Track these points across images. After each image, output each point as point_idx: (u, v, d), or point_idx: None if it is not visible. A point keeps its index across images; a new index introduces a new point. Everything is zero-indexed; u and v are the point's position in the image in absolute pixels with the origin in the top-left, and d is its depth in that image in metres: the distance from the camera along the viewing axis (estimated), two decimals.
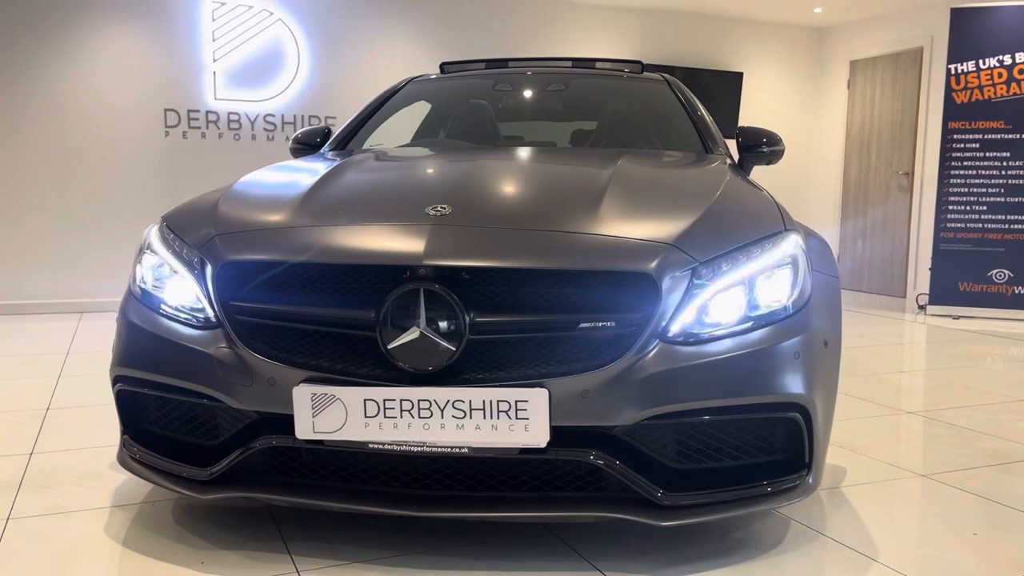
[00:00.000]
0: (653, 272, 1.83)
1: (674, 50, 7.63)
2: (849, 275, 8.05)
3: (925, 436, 3.14)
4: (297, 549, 2.01)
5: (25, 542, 2.08)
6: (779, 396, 1.92)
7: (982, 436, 3.09)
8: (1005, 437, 3.08)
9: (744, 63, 7.92)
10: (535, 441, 1.77)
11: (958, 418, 3.34)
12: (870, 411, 3.45)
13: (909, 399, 3.68)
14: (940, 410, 3.48)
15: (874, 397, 3.67)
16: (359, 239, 1.93)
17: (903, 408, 3.48)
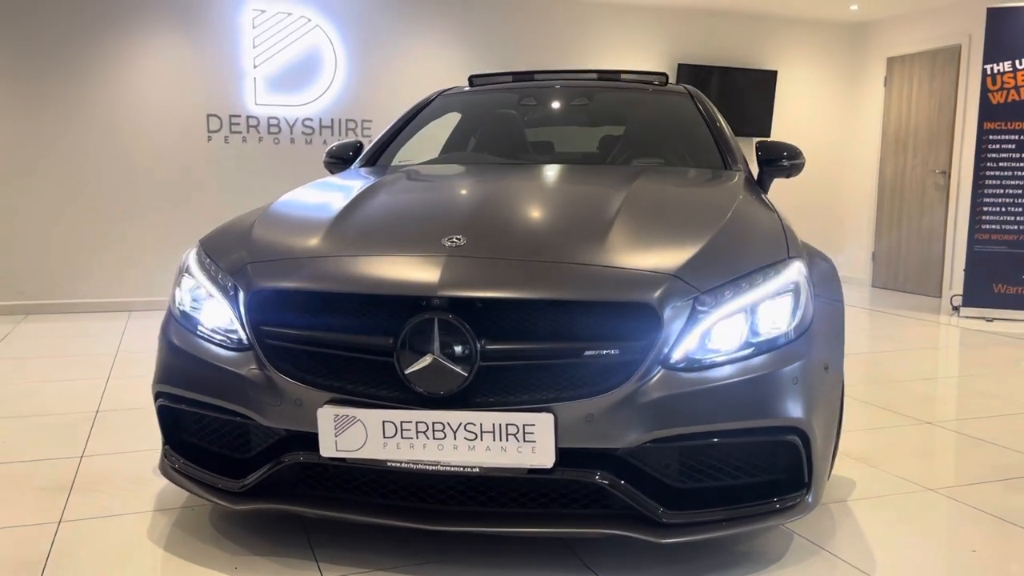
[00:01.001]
0: (655, 303, 1.93)
1: (707, 49, 7.64)
2: (884, 274, 8.02)
3: (941, 448, 3.19)
4: (324, 556, 2.16)
5: (76, 544, 2.25)
6: (778, 420, 2.01)
7: (999, 449, 3.13)
8: (1009, 447, 3.11)
9: (778, 61, 7.90)
10: (542, 462, 1.89)
11: (978, 429, 3.38)
12: (890, 421, 3.50)
13: (931, 408, 3.72)
14: (961, 420, 3.52)
15: (896, 406, 3.71)
16: (379, 269, 2.06)
17: (924, 418, 3.52)
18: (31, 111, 5.94)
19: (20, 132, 5.94)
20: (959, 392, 4.03)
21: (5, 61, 5.84)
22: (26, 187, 5.98)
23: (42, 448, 3.05)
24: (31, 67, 5.90)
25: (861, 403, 3.76)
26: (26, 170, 5.98)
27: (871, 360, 4.76)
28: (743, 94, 7.73)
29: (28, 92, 5.92)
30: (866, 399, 3.82)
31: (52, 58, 5.94)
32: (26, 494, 2.60)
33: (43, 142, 5.99)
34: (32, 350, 4.85)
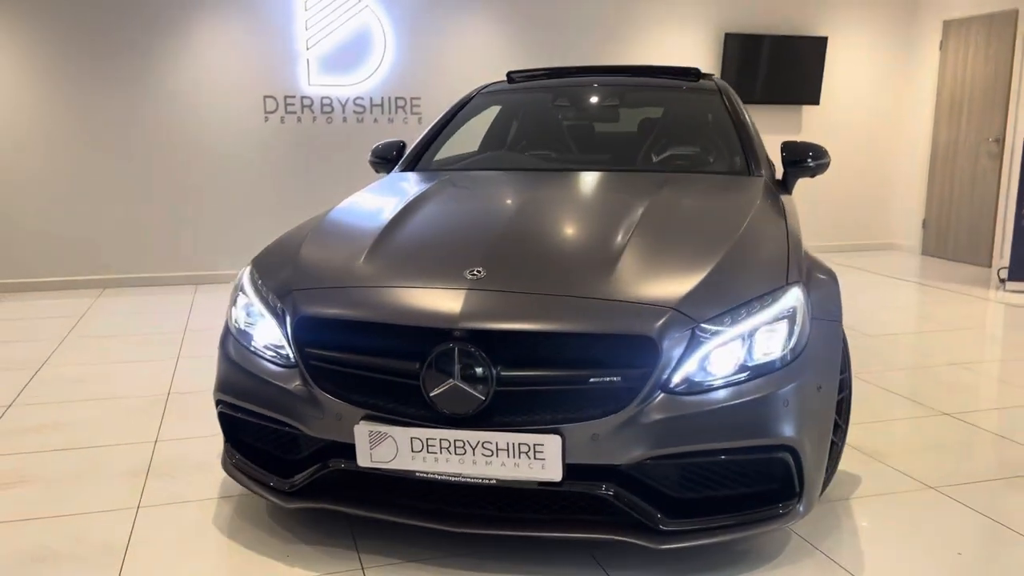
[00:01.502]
0: (654, 335, 2.13)
1: (754, 17, 7.59)
2: (934, 242, 7.98)
3: (953, 442, 3.32)
4: (365, 548, 2.44)
5: (152, 530, 2.58)
6: (770, 439, 2.20)
7: (1011, 445, 3.26)
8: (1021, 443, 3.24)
9: (829, 26, 7.80)
10: (551, 476, 2.12)
11: (995, 422, 3.50)
12: (909, 412, 3.64)
13: (953, 398, 3.81)
14: (980, 411, 3.64)
15: (919, 395, 3.84)
16: (409, 300, 2.29)
17: (943, 409, 3.64)
18: (108, 96, 6.30)
19: (97, 114, 6.30)
20: (985, 380, 4.12)
21: (85, 48, 6.18)
22: (102, 165, 6.37)
23: (119, 432, 3.40)
24: (108, 54, 6.23)
25: (884, 391, 3.89)
26: (102, 150, 6.36)
27: (906, 342, 4.85)
28: (792, 62, 7.68)
29: (106, 79, 6.26)
30: (891, 387, 3.95)
31: (126, 45, 6.26)
32: (108, 479, 2.95)
33: (117, 124, 6.35)
34: (109, 328, 5.24)
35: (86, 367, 4.34)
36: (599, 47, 7.27)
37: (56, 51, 6.16)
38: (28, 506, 2.74)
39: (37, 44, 6.13)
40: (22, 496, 2.82)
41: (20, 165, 6.23)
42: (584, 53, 7.21)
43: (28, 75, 6.15)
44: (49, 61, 6.16)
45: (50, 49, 6.15)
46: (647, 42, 7.41)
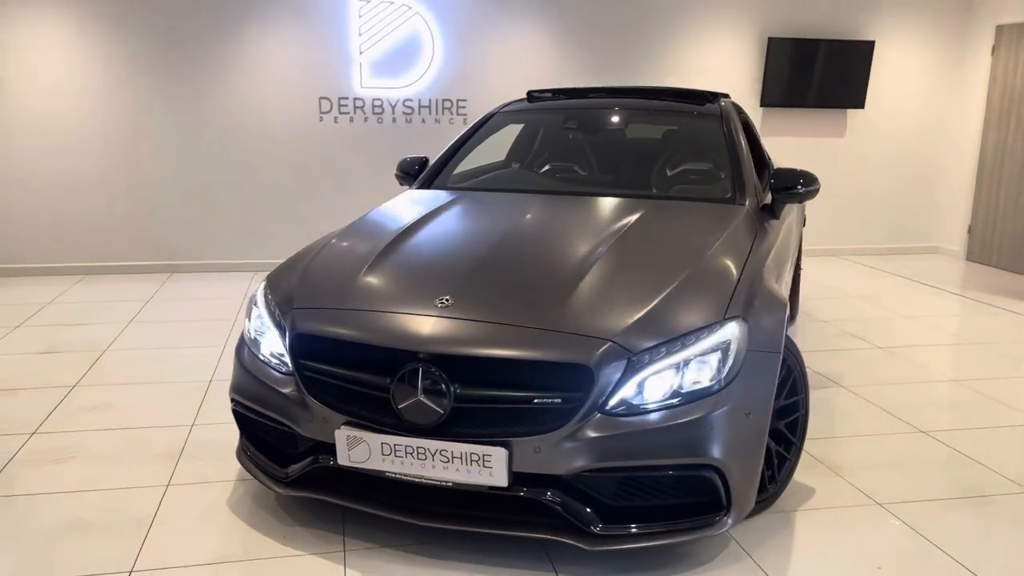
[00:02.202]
0: (591, 363, 2.42)
1: (799, 22, 7.65)
2: (979, 249, 7.94)
3: (919, 461, 3.50)
4: (350, 532, 2.82)
5: (177, 507, 3.01)
6: (697, 459, 2.48)
7: (977, 467, 3.42)
8: (997, 470, 3.39)
9: (876, 30, 7.80)
10: (498, 482, 2.45)
11: (971, 442, 3.65)
12: (886, 428, 3.82)
13: (938, 416, 3.97)
14: (960, 431, 3.79)
15: (904, 411, 4.01)
16: (384, 323, 2.64)
17: (922, 428, 3.81)
18: (177, 97, 6.82)
19: (168, 113, 6.84)
20: (980, 400, 4.23)
21: (156, 53, 6.71)
22: (170, 160, 6.91)
23: (162, 416, 3.85)
24: (176, 58, 6.75)
25: (870, 406, 4.08)
26: (171, 146, 6.90)
27: (915, 356, 4.96)
28: (837, 66, 7.71)
29: (174, 81, 6.78)
30: (879, 401, 4.13)
31: (193, 50, 6.76)
32: (145, 459, 3.40)
33: (185, 122, 6.88)
34: (169, 313, 5.76)
35: (143, 351, 4.84)
36: (641, 53, 7.45)
37: (128, 55, 6.70)
38: (71, 480, 3.20)
39: (110, 49, 6.67)
40: (69, 471, 3.29)
41: (96, 159, 6.82)
42: (627, 60, 7.42)
43: (104, 77, 6.71)
44: (122, 65, 6.71)
45: (122, 53, 6.69)
46: (689, 48, 7.55)
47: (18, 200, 6.75)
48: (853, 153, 8.12)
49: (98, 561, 2.65)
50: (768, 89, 7.69)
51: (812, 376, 4.47)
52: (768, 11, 7.60)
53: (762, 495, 2.95)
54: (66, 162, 6.78)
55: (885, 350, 5.04)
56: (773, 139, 7.80)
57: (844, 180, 8.15)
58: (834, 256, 8.25)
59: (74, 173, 6.81)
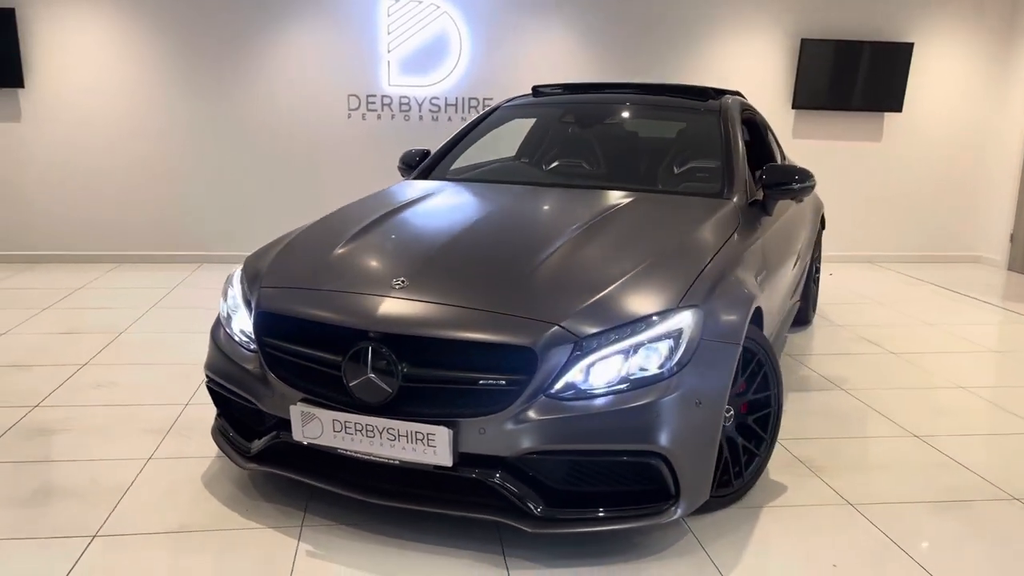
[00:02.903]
0: (534, 346, 2.43)
1: (833, 22, 7.50)
2: (1022, 258, 7.67)
3: (902, 463, 3.41)
4: (312, 510, 2.87)
5: (152, 478, 3.11)
6: (642, 445, 2.47)
7: (961, 470, 3.33)
8: (985, 476, 3.29)
9: (915, 32, 7.61)
10: (442, 462, 2.47)
11: (961, 447, 3.55)
12: (877, 431, 3.73)
13: (934, 421, 3.85)
14: (953, 436, 3.68)
15: (900, 415, 3.91)
16: (339, 303, 2.68)
17: (915, 431, 3.72)
18: (212, 92, 7.03)
19: (203, 109, 7.05)
20: (983, 407, 4.10)
21: (186, 49, 6.93)
22: (204, 153, 7.13)
23: (159, 394, 3.97)
24: (214, 56, 6.96)
25: (867, 409, 3.99)
26: (206, 139, 7.11)
27: (927, 362, 4.82)
28: (874, 68, 7.55)
29: (211, 77, 7.00)
30: (876, 405, 4.03)
31: (229, 48, 6.96)
32: (133, 433, 3.51)
33: (219, 117, 7.09)
34: (191, 300, 5.93)
35: (157, 335, 4.99)
36: (669, 53, 7.41)
37: (162, 53, 6.92)
38: (60, 451, 3.33)
39: (145, 46, 6.90)
40: (60, 441, 3.42)
41: (131, 153, 7.06)
42: (654, 59, 7.38)
43: (138, 73, 6.95)
44: (156, 62, 6.94)
45: (157, 51, 6.92)
46: (719, 49, 7.48)
47: (57, 191, 7.03)
48: (890, 158, 7.93)
49: (66, 525, 2.75)
50: (800, 91, 7.56)
51: (814, 379, 4.41)
52: (801, 12, 7.47)
53: (727, 489, 2.93)
54: (102, 155, 7.04)
55: (898, 356, 4.91)
56: (806, 142, 7.69)
57: (881, 185, 7.97)
58: (869, 263, 8.06)
59: (110, 166, 7.06)
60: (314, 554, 2.61)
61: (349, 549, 2.64)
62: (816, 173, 7.28)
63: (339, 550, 2.64)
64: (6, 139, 6.95)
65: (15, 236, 7.09)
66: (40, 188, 7.04)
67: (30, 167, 7.00)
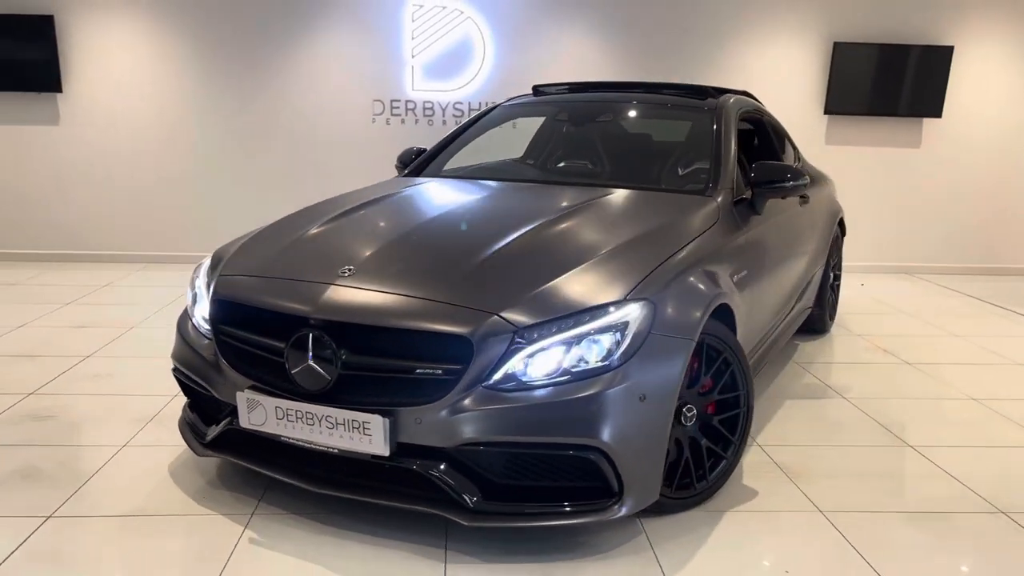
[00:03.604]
0: (470, 336, 2.39)
1: (868, 25, 7.29)
2: None
3: (891, 473, 3.26)
4: (267, 499, 2.87)
5: (122, 464, 3.15)
6: (580, 439, 2.41)
7: (949, 481, 3.17)
8: (973, 488, 3.12)
9: (956, 35, 7.34)
10: (378, 451, 2.44)
11: (954, 458, 3.38)
12: (873, 440, 3.57)
13: (934, 432, 3.67)
14: (950, 447, 3.51)
15: (899, 424, 3.74)
16: (285, 290, 2.69)
17: (911, 441, 3.55)
18: (236, 97, 7.18)
19: (234, 114, 7.21)
20: (991, 418, 3.89)
21: (217, 56, 7.10)
22: (233, 156, 7.28)
23: (149, 386, 4.03)
24: (246, 63, 7.11)
25: (866, 417, 3.83)
26: (235, 143, 7.27)
27: (942, 372, 4.61)
28: (911, 73, 7.31)
29: (243, 82, 7.15)
30: (877, 414, 3.87)
31: (259, 54, 7.11)
32: (116, 422, 3.57)
33: (244, 121, 7.23)
34: None
35: (164, 331, 5.08)
36: (696, 57, 7.30)
37: (200, 61, 7.10)
38: (41, 435, 3.41)
39: (185, 54, 7.09)
40: (43, 427, 3.50)
41: (163, 157, 7.25)
42: (681, 63, 7.28)
43: (171, 80, 7.14)
44: (193, 69, 7.12)
45: (195, 59, 7.10)
46: (747, 52, 7.34)
47: (90, 192, 7.26)
48: (931, 164, 7.66)
49: (25, 506, 2.80)
50: (833, 96, 7.36)
51: (816, 387, 4.27)
52: (834, 15, 7.29)
53: (689, 492, 2.85)
54: (135, 158, 7.24)
55: (913, 366, 4.72)
56: (839, 148, 7.50)
57: (919, 193, 7.70)
58: (906, 274, 7.79)
59: (142, 169, 7.26)
60: (256, 541, 2.61)
61: (292, 538, 2.64)
62: (850, 180, 7.21)
63: (281, 538, 2.63)
64: (45, 142, 7.20)
65: (47, 235, 7.34)
66: (75, 189, 7.27)
67: (66, 169, 7.25)
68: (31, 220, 7.31)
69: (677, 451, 2.81)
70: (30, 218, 7.31)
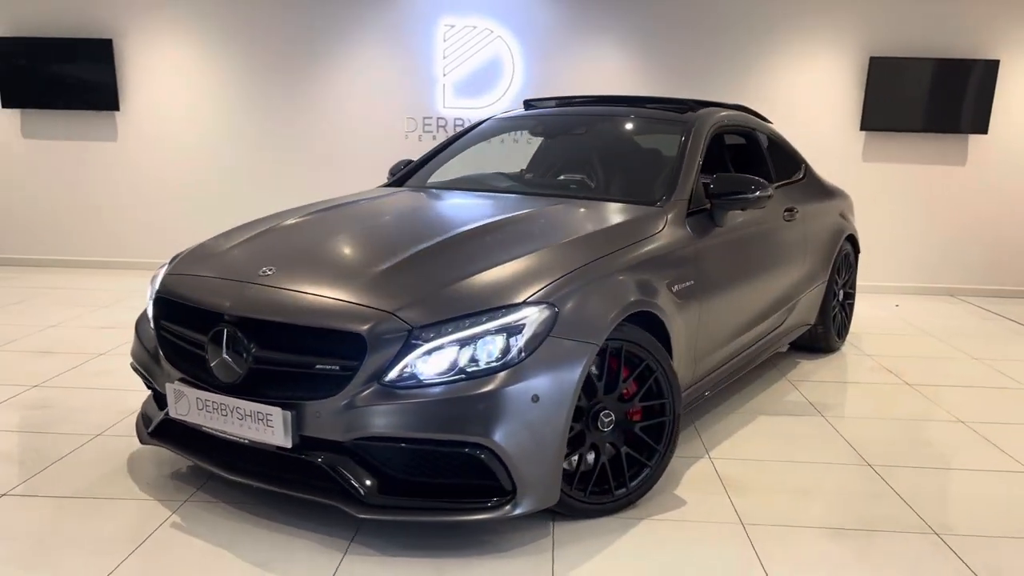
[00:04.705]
0: (364, 333, 2.48)
1: (907, 39, 7.09)
2: None
3: (836, 491, 3.17)
4: (206, 488, 3.02)
5: (90, 451, 3.36)
6: (470, 437, 2.46)
7: (895, 502, 3.06)
8: (917, 509, 3.02)
9: (1002, 48, 7.06)
10: (281, 443, 2.56)
11: (914, 479, 3.27)
12: (831, 458, 3.48)
13: (905, 453, 3.54)
14: (911, 468, 3.39)
15: (867, 445, 3.62)
16: (207, 288, 2.84)
17: (873, 460, 3.45)
18: (277, 114, 7.54)
19: (274, 129, 7.57)
20: (972, 441, 3.71)
21: (260, 75, 7.47)
22: (272, 168, 7.61)
23: None
24: (286, 82, 7.47)
25: (836, 435, 3.73)
26: (269, 159, 7.61)
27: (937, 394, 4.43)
28: (954, 87, 7.06)
29: (284, 100, 7.50)
30: (848, 432, 3.77)
31: (299, 73, 7.45)
32: (101, 414, 3.79)
33: (282, 139, 7.57)
34: None
35: None
36: (727, 73, 7.24)
37: (244, 80, 7.48)
38: (28, 423, 3.66)
39: (230, 75, 7.48)
40: (34, 416, 3.76)
41: (210, 168, 7.65)
42: (711, 79, 7.24)
43: (223, 100, 7.54)
44: (238, 88, 7.50)
45: (240, 78, 7.48)
46: (779, 67, 7.24)
47: (142, 204, 7.70)
48: (977, 183, 7.37)
49: None
50: (870, 112, 7.18)
51: (798, 404, 4.20)
52: (869, 29, 7.12)
53: (606, 498, 2.87)
54: (183, 172, 7.67)
55: (912, 387, 4.56)
56: (877, 166, 7.30)
57: (965, 212, 7.41)
58: (949, 295, 7.49)
59: (189, 182, 7.67)
60: (177, 526, 2.76)
61: (212, 524, 2.77)
62: (890, 198, 6.99)
63: (202, 524, 2.77)
64: (104, 157, 7.70)
65: (98, 243, 7.81)
66: (129, 201, 7.73)
67: (122, 182, 7.71)
68: (85, 229, 7.81)
69: (595, 456, 2.83)
70: (84, 227, 7.80)
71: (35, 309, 6.00)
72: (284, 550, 2.62)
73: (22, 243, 7.88)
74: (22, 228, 7.86)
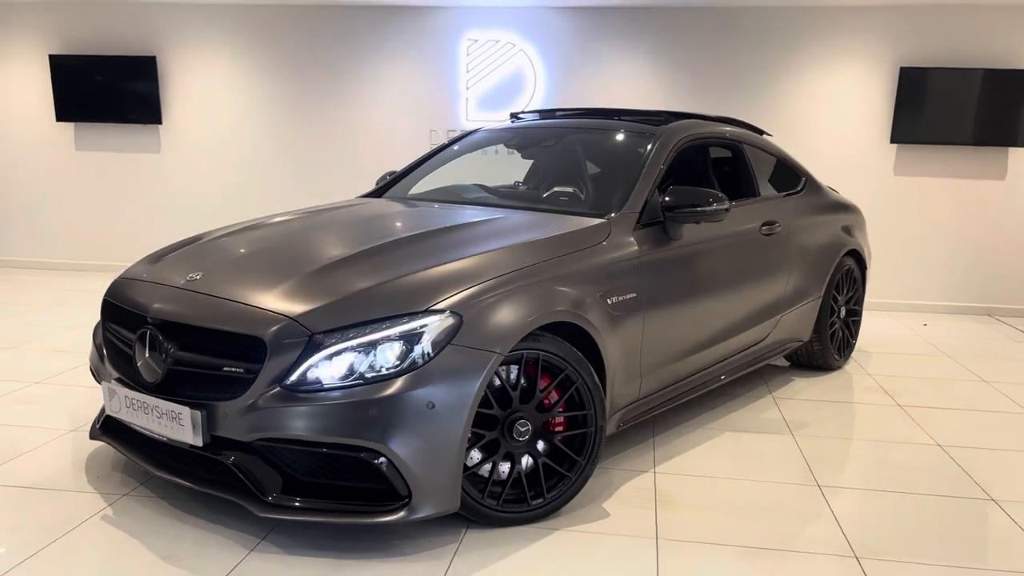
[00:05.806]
0: (264, 337, 2.57)
1: (937, 49, 6.84)
2: None
3: (772, 510, 3.08)
4: (150, 483, 3.16)
5: (59, 446, 3.54)
6: (364, 441, 2.52)
7: (830, 526, 2.98)
8: (852, 535, 2.92)
9: None
10: (192, 441, 2.66)
11: (861, 503, 3.18)
12: (782, 478, 3.39)
13: (866, 476, 3.44)
14: (870, 492, 3.29)
15: (825, 467, 3.51)
16: (136, 292, 2.99)
17: (826, 483, 3.35)
18: (306, 126, 7.78)
19: (299, 140, 7.82)
20: (943, 466, 3.55)
21: (291, 90, 7.73)
22: (296, 184, 7.85)
23: None
24: (313, 97, 7.72)
25: (798, 456, 3.64)
26: (298, 171, 7.85)
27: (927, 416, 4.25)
28: (991, 98, 6.78)
29: (305, 112, 7.75)
30: (813, 451, 3.67)
31: (322, 89, 7.69)
32: (82, 411, 3.99)
33: (312, 148, 7.82)
34: None
35: None
36: (752, 84, 7.13)
37: (277, 98, 7.75)
38: (16, 417, 3.88)
39: (263, 90, 7.76)
40: (21, 409, 3.98)
41: (244, 178, 7.93)
42: (736, 90, 7.14)
43: (257, 114, 7.83)
44: (270, 104, 7.78)
45: (272, 94, 7.76)
46: (806, 79, 7.09)
47: (179, 213, 8.04)
48: (1017, 197, 7.04)
49: None
50: (901, 125, 6.95)
51: (772, 421, 4.12)
52: (899, 39, 6.90)
53: (521, 507, 2.88)
54: (217, 185, 7.98)
55: (902, 408, 4.39)
56: (910, 179, 7.08)
57: (1003, 228, 7.10)
58: (987, 315, 7.17)
59: (224, 192, 7.98)
60: (107, 518, 2.89)
61: (140, 517, 2.90)
62: (922, 213, 6.76)
63: (130, 517, 2.90)
64: (148, 168, 8.08)
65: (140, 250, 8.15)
66: (171, 209, 8.08)
67: (163, 192, 8.07)
68: (129, 236, 8.18)
69: (510, 465, 2.85)
70: (129, 234, 8.17)
71: (68, 309, 6.35)
72: (196, 544, 2.72)
73: (74, 249, 8.32)
74: (75, 235, 8.30)
